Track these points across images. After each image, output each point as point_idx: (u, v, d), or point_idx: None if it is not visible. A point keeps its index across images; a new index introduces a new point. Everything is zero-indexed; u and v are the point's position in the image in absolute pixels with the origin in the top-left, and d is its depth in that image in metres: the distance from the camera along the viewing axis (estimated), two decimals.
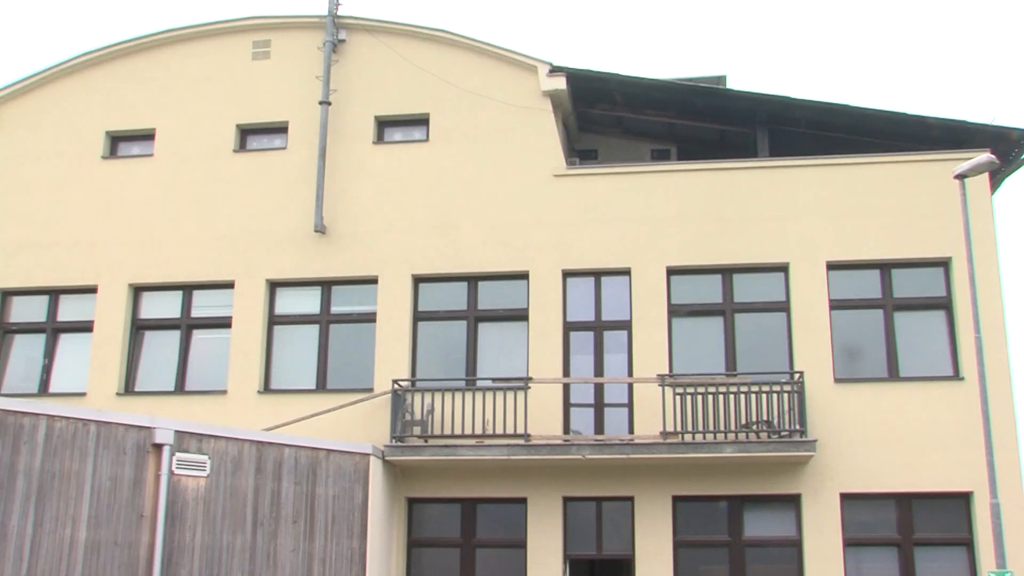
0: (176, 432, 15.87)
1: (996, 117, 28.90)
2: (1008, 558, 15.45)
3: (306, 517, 17.13)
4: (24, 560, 14.09)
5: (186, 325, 20.85)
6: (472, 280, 20.23)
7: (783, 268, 19.42)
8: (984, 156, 16.27)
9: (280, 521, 16.84)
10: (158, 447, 15.70)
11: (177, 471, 15.84)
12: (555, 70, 20.61)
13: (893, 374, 18.77)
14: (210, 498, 16.18)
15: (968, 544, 17.92)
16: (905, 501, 18.21)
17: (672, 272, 19.64)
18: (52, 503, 14.53)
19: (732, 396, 18.19)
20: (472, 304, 20.15)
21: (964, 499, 18.09)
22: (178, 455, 15.88)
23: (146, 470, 15.59)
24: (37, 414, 14.61)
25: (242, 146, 21.63)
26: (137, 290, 21.07)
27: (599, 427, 19.27)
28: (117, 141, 22.12)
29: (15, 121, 22.27)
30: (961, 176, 16.48)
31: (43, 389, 20.79)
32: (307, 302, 20.63)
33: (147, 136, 21.91)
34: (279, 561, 16.68)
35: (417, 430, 18.89)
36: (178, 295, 20.98)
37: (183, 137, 21.61)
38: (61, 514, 14.59)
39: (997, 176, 20.11)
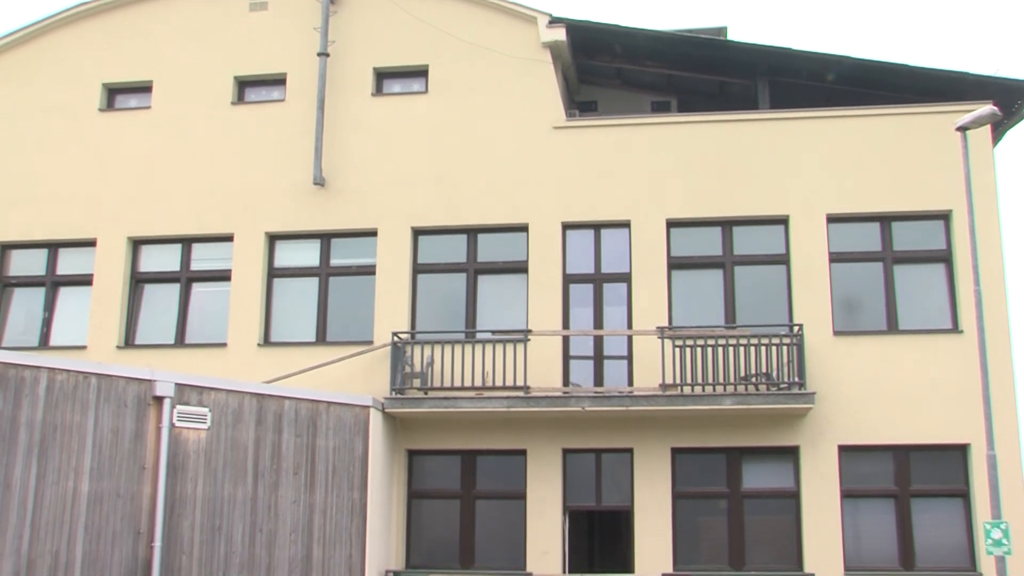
0: (176, 385, 15.92)
1: (999, 69, 28.75)
2: (1003, 509, 15.55)
3: (307, 469, 17.23)
4: (28, 512, 14.19)
5: (186, 278, 20.84)
6: (471, 232, 20.20)
7: (783, 221, 19.39)
8: (986, 108, 16.17)
9: (281, 473, 16.94)
10: (159, 400, 15.76)
11: (178, 423, 15.92)
12: (555, 21, 20.45)
13: (892, 327, 18.81)
14: (211, 450, 16.26)
15: (964, 495, 18.04)
16: (903, 453, 18.31)
17: (672, 225, 19.60)
18: (54, 455, 14.61)
19: (731, 348, 18.23)
20: (472, 256, 20.13)
21: (961, 451, 18.19)
22: (179, 407, 15.94)
23: (147, 422, 15.66)
24: (38, 367, 14.65)
25: (240, 98, 21.50)
26: (136, 243, 21.05)
27: (598, 379, 19.33)
28: (114, 93, 21.99)
29: (11, 73, 22.12)
30: (963, 128, 16.39)
31: (43, 342, 20.83)
32: (306, 255, 20.62)
33: (144, 88, 21.78)
34: (280, 512, 16.80)
35: (417, 382, 18.94)
36: (177, 248, 20.95)
37: (181, 89, 21.48)
38: (63, 466, 14.67)
39: (999, 128, 20.02)
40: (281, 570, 16.46)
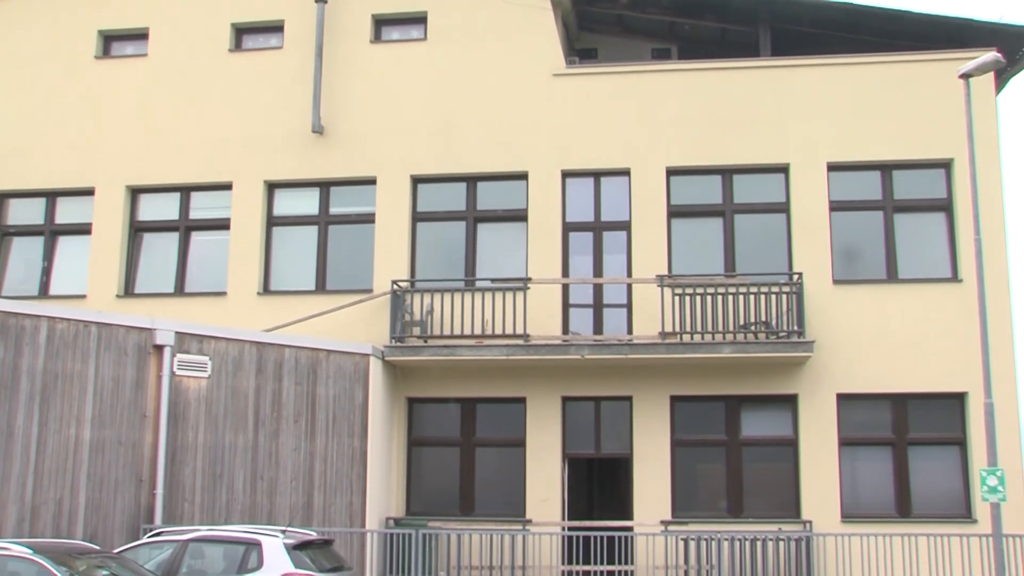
0: (177, 333, 15.98)
1: (1003, 15, 28.49)
2: (999, 456, 15.65)
3: (307, 417, 17.32)
4: (31, 459, 14.30)
5: (185, 227, 20.79)
6: (471, 180, 20.13)
7: (783, 169, 19.32)
8: (990, 55, 16.00)
9: (281, 421, 17.04)
10: (159, 348, 15.83)
11: (178, 372, 15.98)
12: None
13: (892, 276, 18.81)
14: (212, 398, 16.35)
15: (961, 443, 18.15)
16: (900, 401, 18.39)
17: (672, 173, 19.53)
18: (56, 403, 14.69)
19: (731, 297, 18.25)
20: (471, 204, 20.08)
21: (959, 399, 18.27)
22: (179, 356, 16.00)
23: (148, 371, 15.74)
24: (38, 316, 14.69)
25: (237, 45, 21.32)
26: (135, 192, 20.97)
27: (598, 327, 19.35)
28: (110, 40, 21.79)
29: (5, 20, 21.89)
30: (966, 75, 16.23)
31: (43, 292, 20.82)
32: (306, 203, 20.56)
33: (140, 35, 21.56)
34: (281, 460, 16.92)
35: (417, 330, 18.97)
36: (176, 197, 20.88)
37: (177, 36, 21.28)
38: (65, 414, 14.76)
39: (1002, 76, 19.87)
40: (282, 517, 16.60)
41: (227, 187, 20.59)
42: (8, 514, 14.06)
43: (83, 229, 20.91)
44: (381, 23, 21.03)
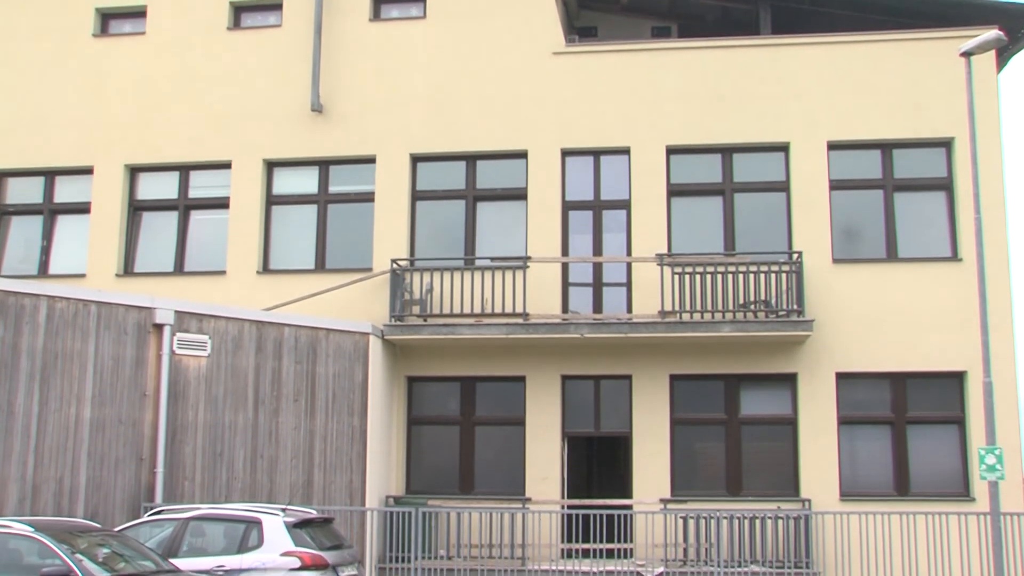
0: (176, 312, 15.98)
1: None
2: (997, 435, 15.68)
3: (307, 396, 17.34)
4: (31, 438, 14.32)
5: (184, 206, 20.76)
6: (470, 159, 20.09)
7: (783, 148, 19.28)
8: (992, 33, 15.90)
9: (281, 399, 17.06)
10: (159, 327, 15.83)
11: (178, 351, 16.00)
12: None
13: (892, 255, 18.80)
14: (211, 377, 16.36)
15: (960, 422, 18.19)
16: (900, 380, 18.41)
17: (672, 151, 19.49)
18: (56, 383, 14.70)
19: (730, 276, 18.24)
20: (471, 183, 20.06)
21: (958, 378, 18.30)
22: (179, 335, 16.01)
23: (147, 350, 15.75)
24: (37, 295, 14.69)
25: (236, 23, 21.23)
26: (133, 171, 20.93)
27: (597, 306, 19.36)
28: (108, 18, 21.69)
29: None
30: (967, 53, 16.15)
31: (42, 271, 20.80)
32: (305, 182, 20.52)
33: (139, 13, 21.45)
34: (281, 438, 16.95)
35: (416, 309, 18.98)
36: (175, 176, 20.84)
37: (175, 14, 21.18)
38: (65, 393, 14.78)
39: (1003, 54, 19.79)
40: (283, 495, 16.64)
41: (226, 166, 20.55)
42: (9, 493, 14.10)
43: (82, 208, 20.88)
44: (380, 1, 20.93)
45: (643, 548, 17.50)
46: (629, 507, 18.07)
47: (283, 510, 13.88)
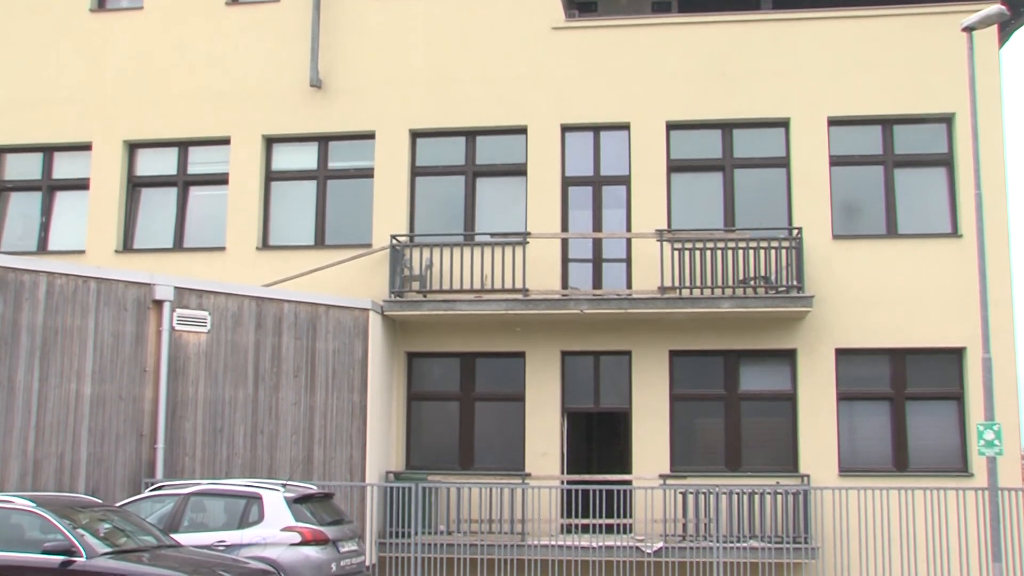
0: (176, 288, 15.98)
1: None
2: (996, 411, 15.70)
3: (307, 371, 17.36)
4: (32, 414, 14.35)
5: (183, 182, 20.72)
6: (470, 135, 20.04)
7: (784, 123, 19.23)
8: (994, 7, 15.81)
9: (281, 375, 17.09)
10: (158, 303, 15.83)
11: (178, 327, 16.00)
12: None
13: (892, 231, 18.78)
14: (211, 353, 16.38)
15: (959, 398, 18.22)
16: (899, 356, 18.43)
17: (672, 127, 19.44)
18: (56, 358, 14.71)
19: (730, 252, 18.23)
20: (470, 159, 20.01)
21: (957, 354, 18.31)
22: (179, 311, 16.01)
23: (147, 326, 15.75)
24: (37, 271, 14.68)
25: None
26: (132, 147, 20.87)
27: (597, 282, 19.36)
28: None
29: None
30: (968, 28, 16.07)
31: (41, 247, 20.79)
32: (304, 158, 20.47)
33: None
34: (281, 414, 16.98)
35: (416, 285, 18.97)
36: (174, 152, 20.79)
37: None
38: (65, 369, 14.79)
39: (1005, 28, 19.69)
40: (283, 470, 16.69)
41: (225, 142, 20.50)
42: (10, 468, 14.14)
43: (81, 184, 20.83)
44: None
45: (642, 523, 17.55)
46: (628, 483, 18.13)
47: (283, 485, 13.94)
